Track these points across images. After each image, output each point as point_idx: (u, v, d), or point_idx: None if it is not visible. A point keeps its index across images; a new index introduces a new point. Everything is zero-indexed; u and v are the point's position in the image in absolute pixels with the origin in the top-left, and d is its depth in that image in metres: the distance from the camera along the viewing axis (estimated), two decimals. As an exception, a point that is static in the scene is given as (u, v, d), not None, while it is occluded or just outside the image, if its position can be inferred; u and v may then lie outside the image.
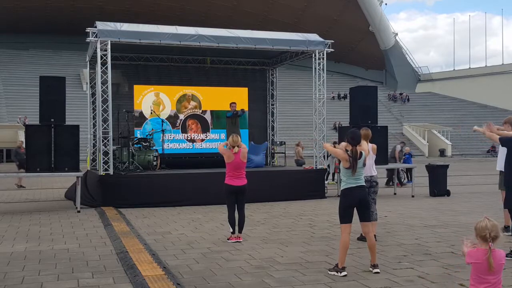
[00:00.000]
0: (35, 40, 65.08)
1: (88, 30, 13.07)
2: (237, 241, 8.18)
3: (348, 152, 6.29)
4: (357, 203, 6.30)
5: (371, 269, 6.29)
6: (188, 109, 16.93)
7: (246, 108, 17.30)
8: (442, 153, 50.98)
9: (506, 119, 9.11)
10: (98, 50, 13.04)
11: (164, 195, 12.81)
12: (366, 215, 6.46)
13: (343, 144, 6.47)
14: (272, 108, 17.98)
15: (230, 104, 15.77)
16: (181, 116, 16.85)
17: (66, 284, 5.85)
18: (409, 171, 19.81)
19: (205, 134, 17.09)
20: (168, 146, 16.41)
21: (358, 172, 6.30)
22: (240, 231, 8.35)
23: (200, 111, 17.05)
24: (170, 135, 16.56)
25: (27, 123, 35.56)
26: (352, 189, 6.28)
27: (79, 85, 53.69)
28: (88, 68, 16.17)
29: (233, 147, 8.26)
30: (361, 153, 6.33)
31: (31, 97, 42.72)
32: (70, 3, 62.10)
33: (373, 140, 8.57)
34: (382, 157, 13.87)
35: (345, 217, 6.28)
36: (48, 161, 12.22)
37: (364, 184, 6.43)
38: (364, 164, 6.45)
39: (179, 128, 16.83)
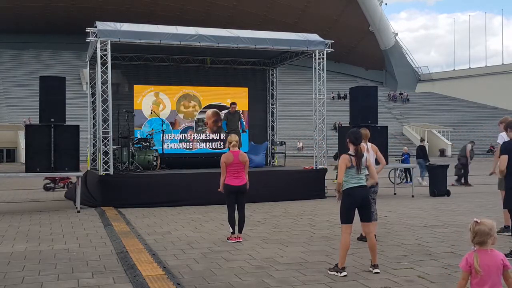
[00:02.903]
0: (35, 40, 65.13)
1: (88, 30, 13.06)
2: (237, 241, 8.18)
3: (352, 153, 6.30)
4: (360, 203, 6.30)
5: (371, 269, 6.29)
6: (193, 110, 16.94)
7: (246, 108, 17.34)
8: (442, 153, 50.99)
9: (502, 119, 9.12)
10: (98, 50, 13.04)
11: (164, 195, 12.81)
12: (367, 215, 6.46)
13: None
14: (272, 108, 17.98)
15: (230, 104, 15.76)
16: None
17: (66, 284, 5.85)
18: (408, 171, 19.86)
19: (204, 134, 17.08)
20: (168, 146, 16.42)
21: (360, 172, 6.31)
22: (240, 231, 8.35)
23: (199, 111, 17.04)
24: (170, 135, 16.56)
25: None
26: (354, 188, 6.27)
27: (79, 85, 53.70)
28: (88, 68, 16.17)
29: (230, 143, 8.30)
30: (362, 153, 6.35)
31: (31, 97, 42.75)
32: (70, 3, 62.14)
33: (373, 140, 8.60)
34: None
35: (346, 217, 6.27)
36: (48, 161, 12.22)
37: (366, 184, 6.43)
38: (367, 166, 6.45)
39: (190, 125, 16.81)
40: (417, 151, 19.79)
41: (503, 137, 8.65)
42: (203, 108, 17.09)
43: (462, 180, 18.74)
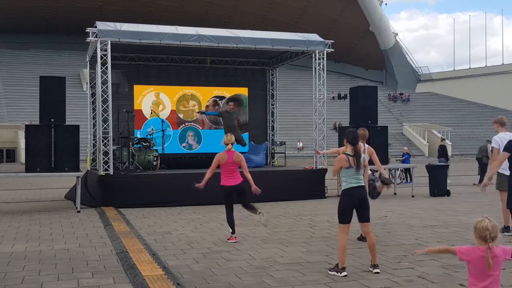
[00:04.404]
0: (35, 40, 65.09)
1: (88, 30, 13.07)
2: (237, 242, 8.17)
3: (350, 153, 6.29)
4: (358, 203, 6.31)
5: (371, 269, 6.29)
6: (187, 111, 16.92)
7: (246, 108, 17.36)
8: (442, 153, 50.93)
9: (495, 119, 9.16)
10: (98, 50, 13.04)
11: (164, 195, 12.81)
12: (366, 215, 6.45)
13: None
14: (272, 108, 17.98)
15: (228, 102, 15.74)
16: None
17: (66, 284, 5.85)
18: (408, 171, 19.87)
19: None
20: (168, 143, 16.41)
21: (359, 172, 6.31)
22: (253, 209, 8.48)
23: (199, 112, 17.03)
24: (169, 140, 16.53)
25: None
26: (353, 188, 6.28)
27: (79, 85, 53.68)
28: (88, 68, 16.17)
29: (227, 144, 8.30)
30: (361, 153, 6.35)
31: (31, 97, 42.71)
32: (70, 3, 62.11)
33: (373, 140, 8.61)
34: (382, 157, 13.85)
35: (344, 218, 6.28)
36: (48, 161, 12.22)
37: (364, 184, 6.43)
38: (364, 166, 6.45)
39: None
40: (438, 151, 19.79)
41: (496, 140, 8.69)
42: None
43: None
